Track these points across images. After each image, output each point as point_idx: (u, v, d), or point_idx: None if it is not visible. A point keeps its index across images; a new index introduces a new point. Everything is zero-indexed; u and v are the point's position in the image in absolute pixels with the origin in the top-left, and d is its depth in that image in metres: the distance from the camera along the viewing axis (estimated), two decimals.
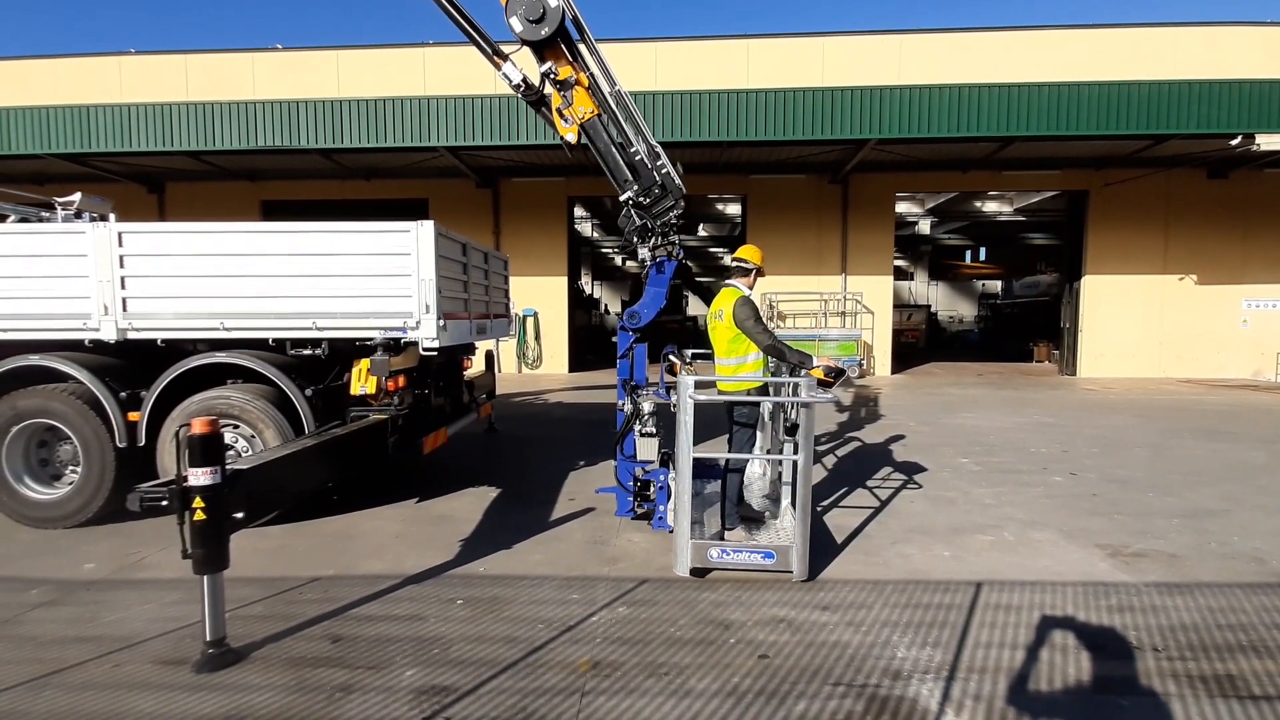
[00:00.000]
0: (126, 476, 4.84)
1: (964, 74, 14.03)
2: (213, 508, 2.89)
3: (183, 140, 13.01)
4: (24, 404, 4.88)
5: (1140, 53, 14.67)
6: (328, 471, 4.37)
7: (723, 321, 4.27)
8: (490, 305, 6.69)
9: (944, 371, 18.01)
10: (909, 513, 5.36)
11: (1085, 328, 16.30)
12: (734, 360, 4.32)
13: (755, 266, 4.46)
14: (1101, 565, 4.26)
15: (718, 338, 4.36)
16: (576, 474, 6.59)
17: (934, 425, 9.43)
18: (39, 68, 16.13)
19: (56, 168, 14.48)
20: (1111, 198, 15.82)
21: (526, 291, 15.38)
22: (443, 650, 3.16)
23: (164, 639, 3.28)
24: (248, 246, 4.98)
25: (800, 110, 12.45)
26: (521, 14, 4.48)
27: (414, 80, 15.28)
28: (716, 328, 4.36)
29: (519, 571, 4.14)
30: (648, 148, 4.79)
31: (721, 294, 4.42)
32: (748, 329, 4.16)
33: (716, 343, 4.39)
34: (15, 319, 4.98)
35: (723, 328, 4.28)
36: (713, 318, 4.40)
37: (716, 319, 4.35)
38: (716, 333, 4.37)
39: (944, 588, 3.89)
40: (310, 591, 3.84)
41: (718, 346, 4.39)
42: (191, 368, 4.92)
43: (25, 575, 4.11)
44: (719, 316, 4.31)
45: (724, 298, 4.34)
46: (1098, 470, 6.78)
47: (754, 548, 3.97)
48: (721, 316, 4.28)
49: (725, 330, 4.27)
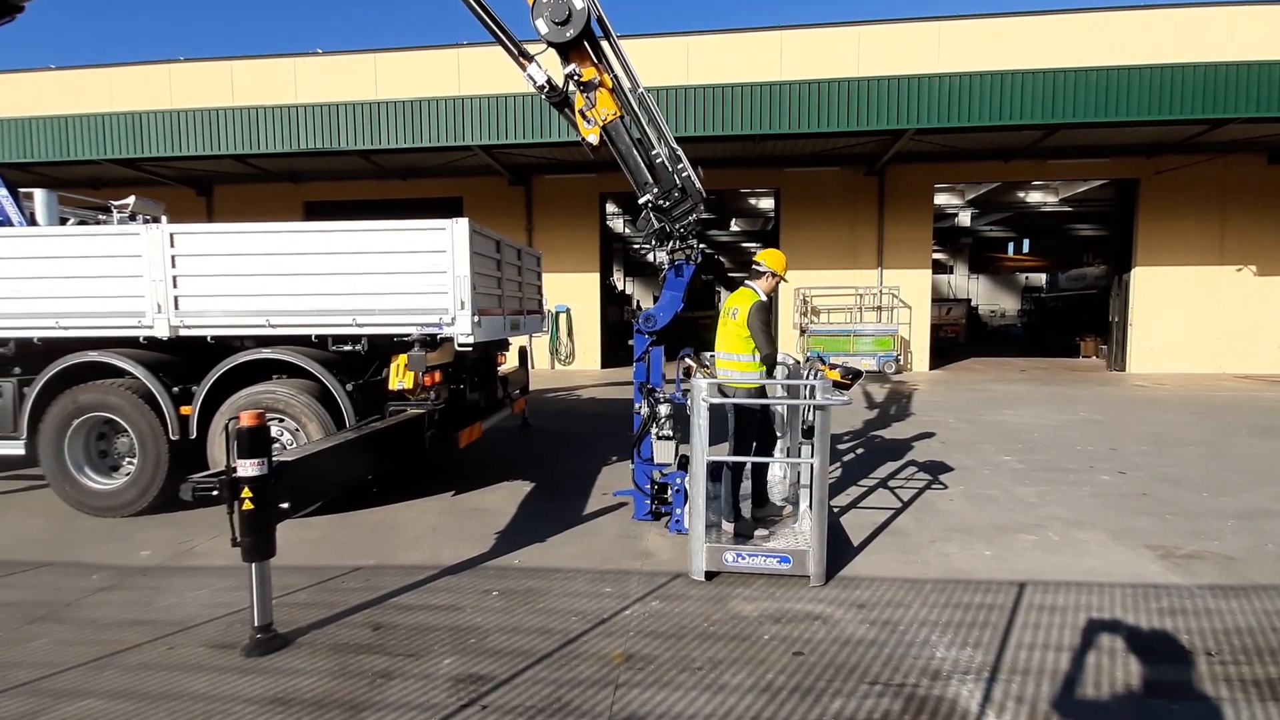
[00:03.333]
0: (179, 467, 5.05)
1: (1006, 60, 13.60)
2: (260, 498, 3.00)
3: (229, 144, 13.45)
4: (84, 398, 5.13)
5: (1194, 33, 14.00)
6: (368, 464, 4.49)
7: (735, 320, 4.32)
8: (523, 301, 6.76)
9: (985, 367, 17.54)
10: (948, 511, 5.25)
11: (1135, 321, 15.68)
12: (738, 357, 4.34)
13: (772, 272, 4.47)
14: (1152, 567, 4.11)
15: (727, 333, 4.40)
16: (609, 469, 6.63)
17: (974, 422, 9.20)
18: (96, 77, 16.84)
19: (111, 172, 15.13)
20: (1163, 186, 15.16)
21: (559, 288, 15.49)
22: (479, 640, 3.21)
23: (215, 624, 3.41)
24: (291, 246, 5.12)
25: (835, 101, 12.24)
26: (547, 16, 4.50)
27: (449, 81, 15.50)
28: (727, 324, 4.40)
29: (553, 564, 4.19)
30: (669, 150, 4.78)
31: (740, 293, 4.45)
32: (755, 334, 4.23)
33: (724, 337, 4.43)
34: (76, 316, 5.21)
35: (735, 325, 4.33)
36: (726, 314, 4.45)
37: (730, 316, 4.39)
38: (726, 328, 4.41)
39: (985, 587, 3.80)
40: (352, 580, 3.95)
41: (724, 341, 4.43)
42: (239, 363, 5.09)
43: (86, 561, 4.32)
44: (733, 314, 4.36)
45: (742, 298, 4.39)
46: (1148, 469, 6.53)
47: (769, 552, 3.93)
48: (735, 315, 4.33)
49: (737, 328, 4.31)
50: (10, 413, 5.28)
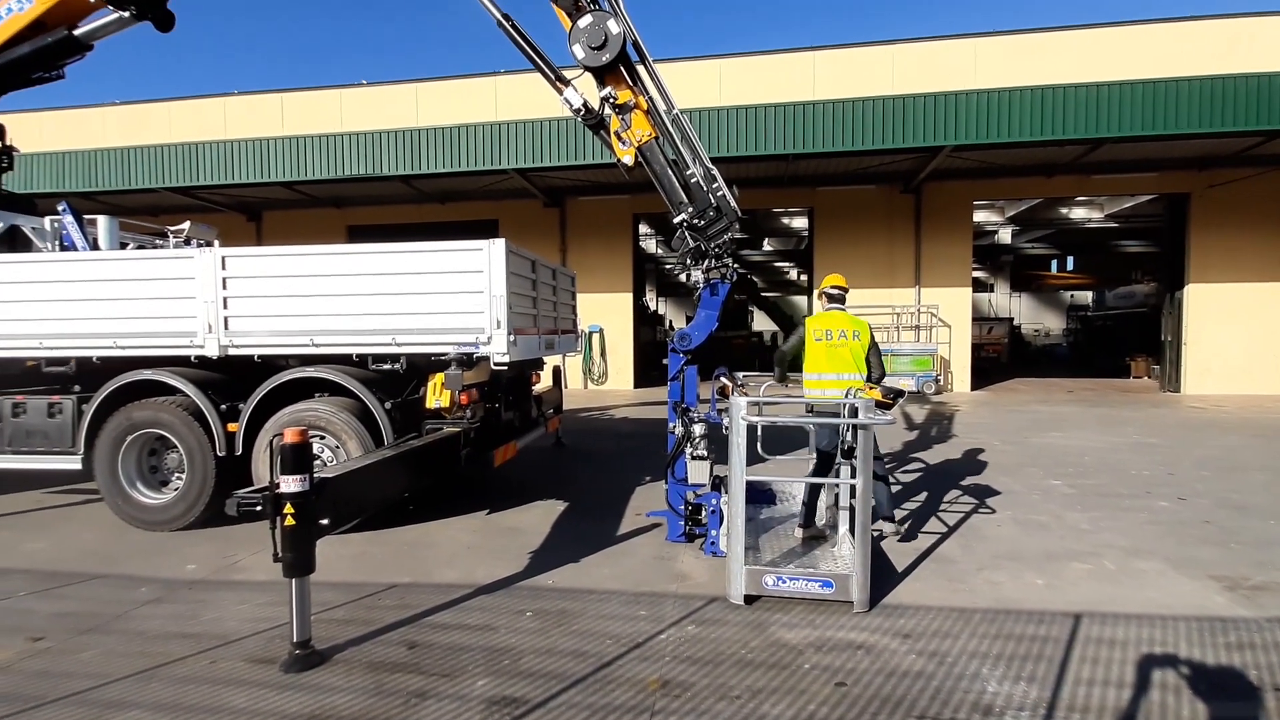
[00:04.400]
0: (224, 483, 5.18)
1: (1046, 75, 13.33)
2: (301, 513, 3.05)
3: (278, 171, 14.04)
4: (138, 415, 5.32)
5: (1242, 44, 13.57)
6: (405, 481, 4.53)
7: (858, 341, 4.61)
8: (558, 321, 6.81)
9: (1029, 387, 16.99)
10: (996, 537, 5.05)
11: (1190, 340, 15.03)
12: (855, 376, 4.55)
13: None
14: (1217, 599, 3.87)
15: (839, 354, 4.58)
16: (643, 489, 6.57)
17: (1020, 444, 8.89)
18: (156, 110, 17.80)
19: (169, 200, 15.88)
20: (1216, 200, 14.59)
21: (592, 308, 15.59)
22: (513, 661, 3.18)
23: (255, 638, 3.46)
24: (335, 267, 5.27)
25: (869, 120, 12.17)
26: (584, 41, 4.60)
27: (486, 107, 15.91)
28: (845, 345, 4.59)
29: (587, 585, 4.15)
30: (703, 170, 4.80)
31: (844, 317, 4.69)
32: (878, 357, 4.68)
33: (839, 358, 4.58)
34: (132, 336, 5.43)
35: (856, 346, 4.60)
36: (840, 335, 4.60)
37: (853, 339, 4.61)
38: (842, 349, 4.58)
39: (1038, 618, 3.63)
40: (388, 598, 3.97)
41: (838, 362, 4.58)
42: (284, 382, 5.23)
43: (136, 574, 4.45)
44: (854, 336, 4.60)
45: (855, 322, 4.68)
46: (1210, 495, 6.19)
47: (811, 575, 3.83)
48: (858, 337, 4.61)
49: (859, 349, 4.60)
50: (69, 429, 5.51)
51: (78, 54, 6.80)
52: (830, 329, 4.65)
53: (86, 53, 6.82)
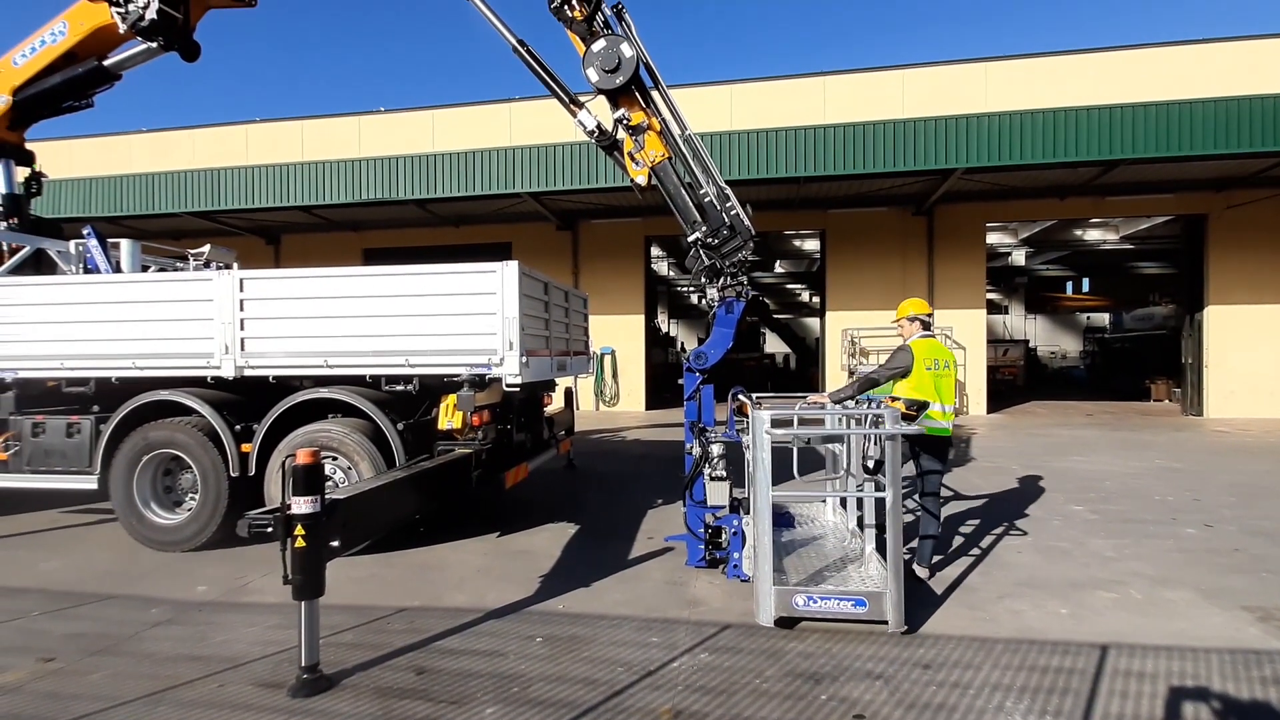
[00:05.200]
0: (236, 504, 5.19)
1: (1058, 98, 13.35)
2: (312, 535, 3.03)
3: (298, 196, 14.33)
4: (154, 435, 5.36)
5: (1258, 65, 13.53)
6: (416, 503, 4.52)
7: (949, 371, 4.56)
8: (570, 343, 6.82)
9: (1047, 411, 16.74)
10: (1016, 564, 4.92)
11: (1212, 363, 14.76)
12: (953, 407, 4.55)
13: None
14: (1250, 630, 3.73)
15: (946, 383, 4.52)
16: (654, 512, 6.51)
17: (1039, 468, 8.72)
18: (181, 138, 18.28)
19: (191, 224, 16.22)
20: (1235, 221, 14.44)
21: (604, 330, 15.64)
22: (522, 689, 3.13)
23: (264, 662, 3.43)
24: (350, 289, 5.32)
25: (879, 142, 12.23)
26: (598, 65, 4.67)
27: (500, 132, 16.18)
28: (950, 374, 4.56)
29: (598, 610, 4.08)
30: (717, 190, 4.82)
31: (941, 346, 4.64)
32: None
33: (945, 388, 4.51)
34: (151, 357, 5.50)
35: (953, 376, 4.59)
36: (945, 365, 4.54)
37: (952, 368, 4.60)
38: (945, 378, 4.52)
39: (1063, 649, 3.51)
40: (397, 622, 3.93)
41: (945, 392, 4.51)
42: (297, 402, 5.26)
43: (148, 595, 4.44)
44: (946, 366, 4.55)
45: (950, 353, 4.66)
46: (1238, 522, 6.02)
47: (843, 594, 3.73)
48: (948, 366, 4.56)
49: (954, 378, 4.60)
50: (87, 448, 5.56)
51: (107, 83, 7.02)
52: (937, 358, 4.51)
53: (115, 82, 7.03)
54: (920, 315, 4.72)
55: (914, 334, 4.69)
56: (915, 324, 4.72)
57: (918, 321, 4.71)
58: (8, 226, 6.96)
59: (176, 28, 6.38)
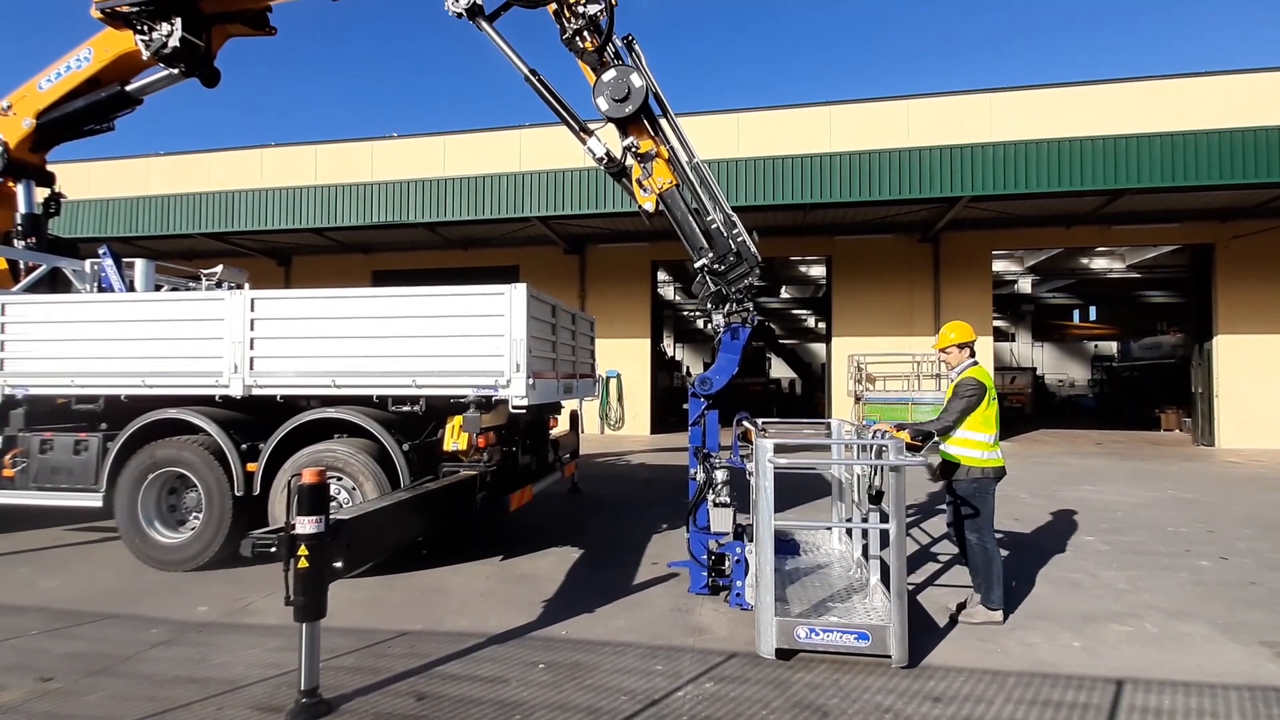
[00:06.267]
0: (240, 524, 5.18)
1: (1062, 128, 13.49)
2: (315, 556, 3.01)
3: (310, 219, 14.54)
4: (160, 453, 5.37)
5: (1261, 98, 13.66)
6: (420, 524, 4.49)
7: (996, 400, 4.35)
8: (576, 365, 6.83)
9: (1055, 440, 16.58)
10: (1027, 595, 4.84)
11: (1222, 393, 14.64)
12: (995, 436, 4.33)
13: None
14: (1269, 667, 3.64)
15: (993, 414, 4.31)
16: (659, 537, 6.44)
17: (1049, 498, 8.61)
18: (197, 161, 18.63)
19: (204, 245, 16.45)
20: (1242, 251, 14.44)
21: (610, 353, 15.66)
22: (524, 717, 3.07)
23: (263, 685, 3.38)
24: (360, 310, 5.37)
25: (885, 171, 12.34)
26: (608, 94, 4.76)
27: (510, 158, 16.43)
28: (996, 404, 4.36)
29: (601, 637, 4.02)
30: (724, 216, 4.87)
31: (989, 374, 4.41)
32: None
33: (991, 419, 4.29)
34: (160, 375, 5.54)
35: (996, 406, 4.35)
36: (991, 396, 4.32)
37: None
38: (992, 409, 4.31)
39: (1076, 684, 3.43)
40: (398, 645, 3.88)
41: (993, 423, 4.30)
42: (304, 422, 5.27)
43: (148, 614, 4.41)
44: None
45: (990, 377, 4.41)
46: (1254, 555, 5.91)
47: (845, 627, 3.67)
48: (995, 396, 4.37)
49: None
50: (93, 466, 5.57)
51: (128, 108, 7.19)
52: (990, 386, 4.29)
53: (136, 106, 7.20)
54: (970, 342, 4.45)
55: (964, 361, 4.42)
56: (965, 351, 4.43)
57: (967, 349, 4.44)
58: (26, 245, 7.08)
59: (198, 55, 6.55)
